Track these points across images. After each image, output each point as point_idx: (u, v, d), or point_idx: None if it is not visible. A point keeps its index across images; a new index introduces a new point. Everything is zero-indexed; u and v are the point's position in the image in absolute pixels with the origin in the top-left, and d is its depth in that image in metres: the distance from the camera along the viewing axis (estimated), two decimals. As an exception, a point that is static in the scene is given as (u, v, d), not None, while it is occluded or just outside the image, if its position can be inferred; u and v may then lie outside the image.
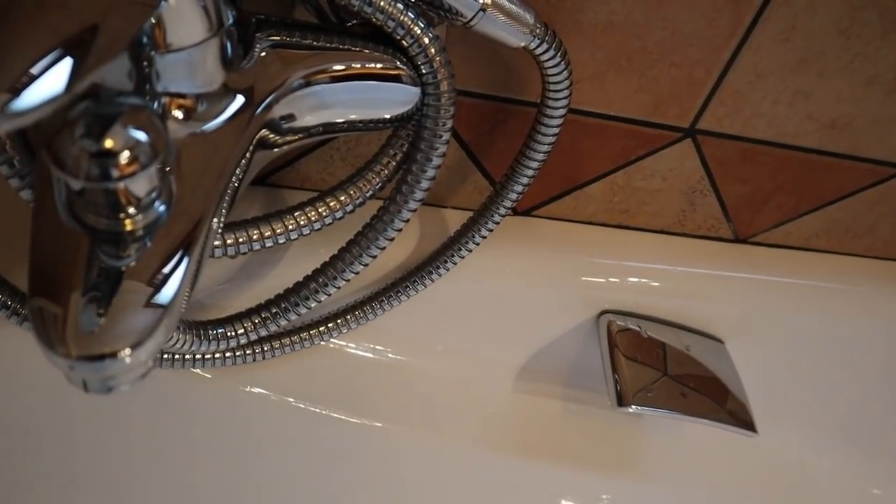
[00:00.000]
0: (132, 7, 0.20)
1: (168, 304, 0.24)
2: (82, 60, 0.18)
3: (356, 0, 0.29)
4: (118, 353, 0.23)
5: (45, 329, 0.24)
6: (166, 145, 0.22)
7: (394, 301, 0.42)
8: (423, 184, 0.33)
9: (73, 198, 0.24)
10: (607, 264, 0.48)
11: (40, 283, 0.24)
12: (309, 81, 0.28)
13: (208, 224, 0.25)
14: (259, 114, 0.28)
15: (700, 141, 0.44)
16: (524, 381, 0.51)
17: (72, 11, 0.19)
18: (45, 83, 0.18)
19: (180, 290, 0.24)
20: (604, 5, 0.36)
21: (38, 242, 0.25)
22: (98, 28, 0.19)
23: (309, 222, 0.33)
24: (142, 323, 0.23)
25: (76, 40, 0.18)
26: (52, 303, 0.24)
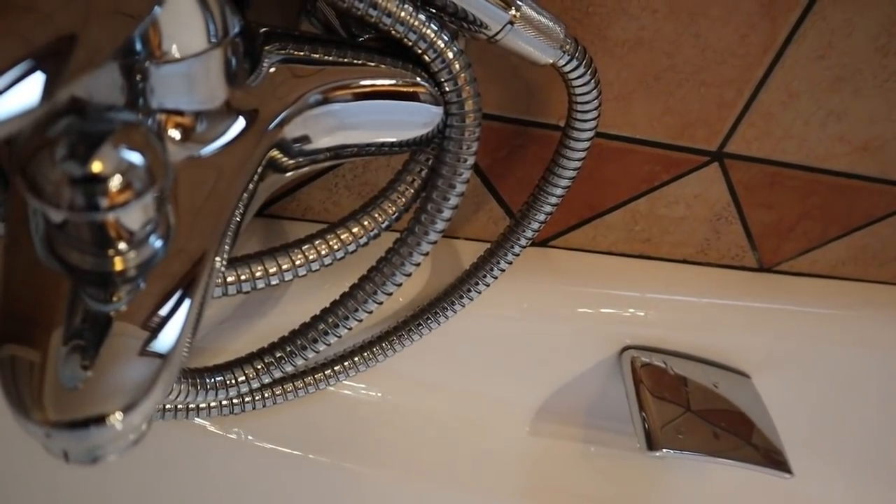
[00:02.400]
0: (115, 17, 0.17)
1: (167, 354, 0.20)
2: (57, 73, 0.15)
3: (374, 11, 0.26)
4: (107, 417, 0.19)
5: (17, 387, 0.20)
6: (165, 170, 0.19)
7: (405, 341, 0.38)
8: (444, 213, 0.30)
9: (52, 232, 0.21)
10: (629, 297, 0.45)
11: (13, 329, 0.20)
12: (326, 98, 0.25)
13: (211, 261, 0.22)
14: (268, 135, 0.24)
15: (727, 165, 0.41)
16: (542, 423, 0.47)
17: (44, 17, 0.16)
18: (14, 95, 0.14)
19: (181, 336, 0.20)
20: (633, 21, 0.34)
21: (10, 283, 0.21)
22: (76, 38, 0.16)
23: (319, 257, 0.29)
24: (136, 376, 0.20)
25: (50, 50, 0.15)
26: (28, 351, 0.20)
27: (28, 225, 0.23)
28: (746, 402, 0.46)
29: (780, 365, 0.48)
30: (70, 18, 0.16)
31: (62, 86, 0.15)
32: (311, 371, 0.37)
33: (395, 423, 0.45)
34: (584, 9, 0.33)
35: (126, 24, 0.17)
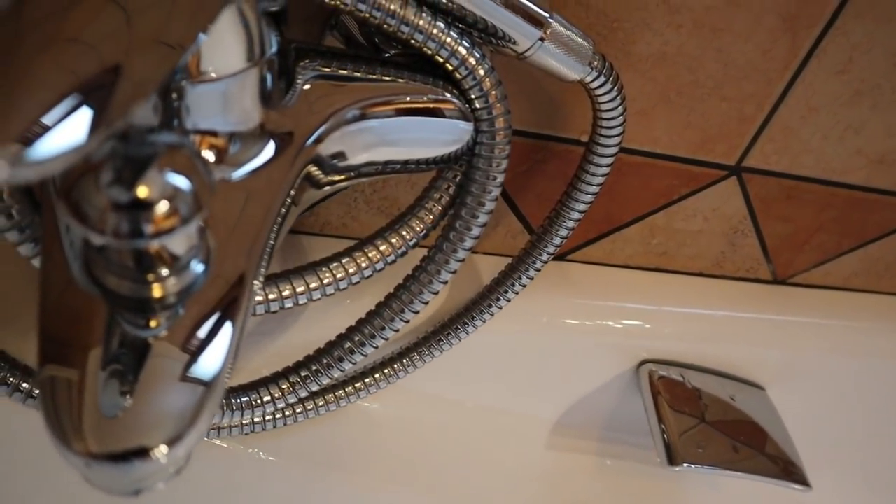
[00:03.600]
0: (158, 47, 0.16)
1: (211, 381, 0.20)
2: (103, 108, 0.14)
3: (406, 28, 0.26)
4: (150, 450, 0.18)
5: (57, 411, 0.19)
6: (211, 194, 0.18)
7: (426, 357, 0.38)
8: (473, 231, 0.30)
9: (90, 254, 0.20)
10: (646, 310, 0.44)
11: (52, 351, 0.20)
12: (363, 114, 0.25)
13: (250, 284, 0.22)
14: (304, 151, 0.24)
15: (745, 179, 0.41)
16: (558, 437, 0.47)
17: (88, 47, 0.15)
18: (62, 133, 0.14)
19: (225, 363, 0.20)
20: (657, 36, 0.34)
21: (47, 304, 0.20)
22: (120, 70, 0.15)
23: (347, 276, 0.29)
24: (179, 406, 0.19)
25: (95, 83, 0.15)
26: (67, 374, 0.20)
27: (61, 246, 0.22)
28: (763, 415, 0.46)
29: (794, 377, 0.48)
30: (114, 49, 0.15)
31: (109, 121, 0.15)
32: (331, 388, 0.36)
33: (410, 438, 0.44)
34: (609, 24, 0.33)
35: (169, 55, 0.17)
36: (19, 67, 0.14)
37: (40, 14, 0.15)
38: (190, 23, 0.17)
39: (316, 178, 0.25)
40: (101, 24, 0.15)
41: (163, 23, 0.16)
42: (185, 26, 0.17)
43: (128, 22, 0.16)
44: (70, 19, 0.15)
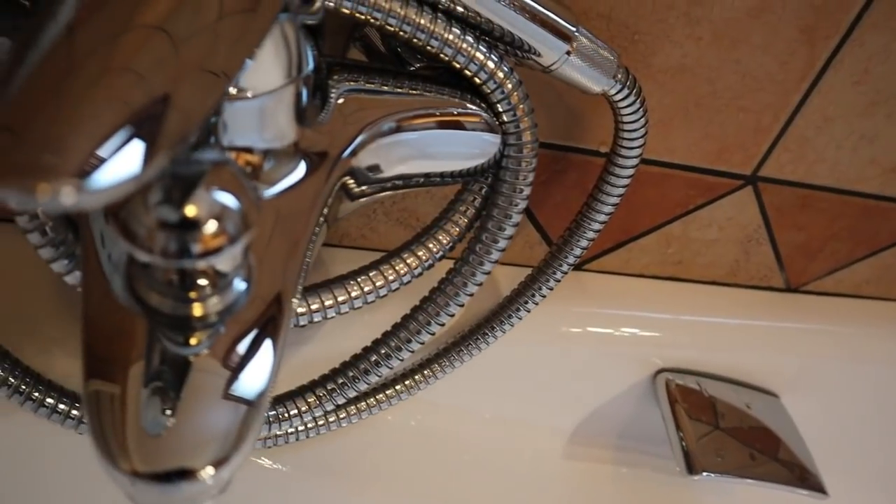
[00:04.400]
0: (204, 76, 0.16)
1: (254, 400, 0.20)
2: (153, 140, 0.14)
3: (435, 42, 0.26)
4: (197, 472, 0.18)
5: (102, 427, 0.19)
6: (258, 213, 0.18)
7: (447, 368, 0.38)
8: (499, 243, 0.30)
9: (133, 271, 0.20)
10: (662, 319, 0.45)
11: (95, 366, 0.20)
12: (398, 127, 0.25)
13: (289, 302, 0.22)
14: (339, 166, 0.24)
15: (760, 188, 0.42)
16: (575, 447, 0.47)
17: (139, 76, 0.15)
18: (118, 165, 0.14)
19: (268, 382, 0.20)
20: (677, 48, 0.34)
21: (90, 322, 0.20)
22: (169, 99, 0.15)
23: (375, 289, 0.29)
24: (223, 425, 0.19)
25: (146, 115, 0.14)
26: (111, 389, 0.20)
27: (99, 261, 0.22)
28: (778, 423, 0.46)
29: (807, 384, 0.48)
30: (162, 79, 0.15)
31: (161, 153, 0.14)
32: (353, 400, 0.36)
33: (428, 448, 0.44)
34: (630, 37, 0.33)
35: (216, 84, 0.16)
36: (75, 97, 0.14)
37: (91, 42, 0.15)
38: (235, 49, 0.17)
39: (350, 189, 0.25)
40: (149, 52, 0.15)
41: (208, 49, 0.16)
42: (231, 53, 0.17)
43: (174, 49, 0.16)
44: (119, 47, 0.15)
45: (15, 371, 0.30)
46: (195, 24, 0.16)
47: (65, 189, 0.13)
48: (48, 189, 0.13)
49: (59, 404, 0.31)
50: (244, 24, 0.17)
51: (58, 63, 0.15)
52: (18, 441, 0.34)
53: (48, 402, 0.31)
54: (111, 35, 0.15)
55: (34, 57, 0.15)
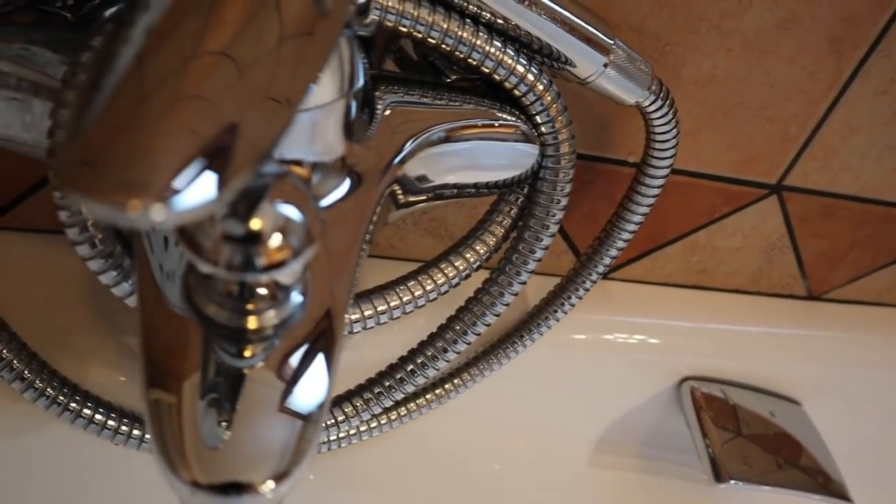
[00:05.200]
0: (269, 104, 0.16)
1: (309, 414, 0.20)
2: (224, 170, 0.14)
3: (477, 54, 0.26)
4: (257, 486, 0.18)
5: (163, 435, 0.19)
6: (321, 227, 0.18)
7: (477, 377, 0.38)
8: (536, 253, 0.30)
9: (191, 281, 0.20)
10: (687, 328, 0.45)
11: (154, 375, 0.20)
12: (446, 137, 0.25)
13: (342, 315, 0.22)
14: (388, 175, 0.24)
15: (785, 197, 0.42)
16: (601, 455, 0.47)
17: (208, 105, 0.15)
18: (194, 193, 0.14)
19: (324, 396, 0.20)
20: (707, 59, 0.34)
21: (148, 332, 0.21)
22: (237, 129, 0.15)
23: (413, 299, 0.29)
24: (280, 439, 0.19)
25: (216, 146, 0.14)
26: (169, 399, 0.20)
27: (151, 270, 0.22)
28: (802, 431, 0.46)
29: (830, 392, 0.48)
30: (231, 106, 0.15)
31: (232, 181, 0.14)
32: (384, 411, 0.36)
33: (454, 457, 0.44)
34: (662, 48, 0.34)
35: (280, 112, 0.16)
36: (149, 127, 0.14)
37: (162, 70, 0.15)
38: (297, 74, 0.17)
39: (397, 197, 0.26)
40: (217, 78, 0.15)
41: (272, 75, 0.16)
42: (293, 78, 0.17)
43: (240, 75, 0.16)
44: (189, 74, 0.15)
45: (53, 382, 0.30)
46: (258, 50, 0.16)
47: (155, 206, 0.13)
48: (139, 206, 0.13)
49: (96, 415, 0.31)
50: (304, 48, 0.17)
51: (131, 90, 0.15)
52: (56, 452, 0.34)
53: (85, 413, 0.31)
54: (181, 60, 0.16)
55: (107, 87, 0.15)
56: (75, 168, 0.13)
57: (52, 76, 0.24)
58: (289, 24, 0.17)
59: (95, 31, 0.22)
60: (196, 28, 0.16)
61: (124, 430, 0.32)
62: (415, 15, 0.25)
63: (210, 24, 0.16)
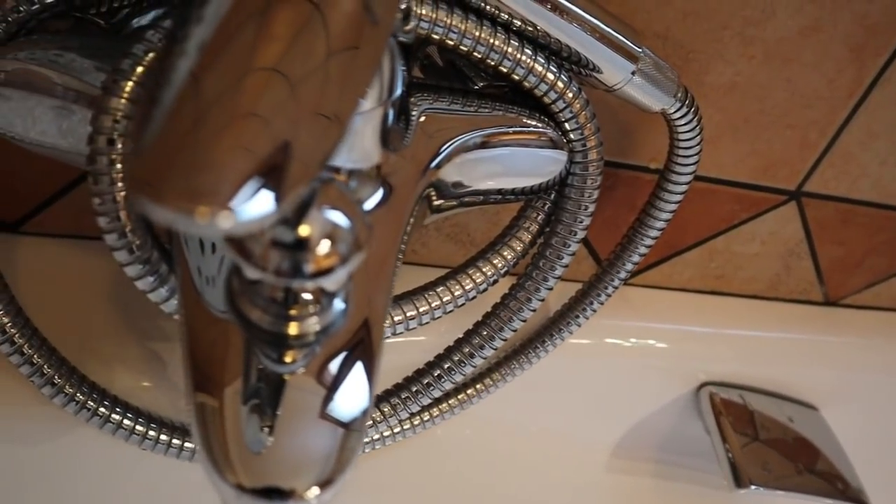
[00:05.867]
0: (319, 120, 0.16)
1: (351, 422, 0.20)
2: (279, 188, 0.14)
3: (508, 62, 0.26)
4: (301, 492, 0.19)
5: (209, 438, 0.19)
6: (368, 233, 0.19)
7: (500, 382, 0.38)
8: (564, 259, 0.31)
9: (236, 285, 0.20)
10: (705, 333, 0.45)
11: (199, 379, 0.20)
12: (483, 142, 0.26)
13: (382, 322, 0.22)
14: (424, 179, 0.25)
15: (804, 203, 0.42)
16: (618, 460, 0.47)
17: (263, 123, 0.15)
18: (253, 208, 0.14)
19: (366, 403, 0.20)
20: (729, 67, 0.35)
21: (192, 336, 0.21)
22: (290, 147, 0.15)
23: (441, 304, 0.29)
24: (322, 446, 0.20)
25: (270, 164, 0.15)
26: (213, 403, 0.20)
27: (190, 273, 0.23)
28: (820, 436, 0.46)
29: (847, 397, 0.49)
30: (284, 123, 0.15)
31: (288, 196, 0.15)
32: (410, 416, 0.36)
33: (474, 462, 0.44)
34: (685, 55, 0.34)
35: (330, 130, 0.16)
36: (208, 145, 0.14)
37: (217, 88, 0.15)
38: (346, 89, 0.17)
39: (431, 201, 0.26)
40: (269, 95, 0.16)
41: (321, 91, 0.16)
42: (342, 94, 0.17)
43: (292, 92, 0.16)
44: (243, 91, 0.15)
45: (82, 387, 0.30)
46: (307, 65, 0.16)
47: (222, 214, 0.13)
48: (207, 213, 0.13)
49: (124, 420, 0.31)
50: (352, 62, 0.17)
51: (189, 109, 0.15)
52: (83, 457, 0.34)
53: (114, 419, 0.31)
54: (235, 77, 0.16)
55: (166, 102, 0.15)
56: (145, 176, 0.13)
57: (89, 83, 0.25)
58: (335, 38, 0.17)
59: (136, 38, 0.23)
60: (247, 43, 0.16)
61: (152, 434, 0.32)
62: (448, 23, 0.25)
63: (260, 39, 0.17)
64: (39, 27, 0.26)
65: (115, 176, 0.23)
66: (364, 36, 0.18)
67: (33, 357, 0.29)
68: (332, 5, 0.18)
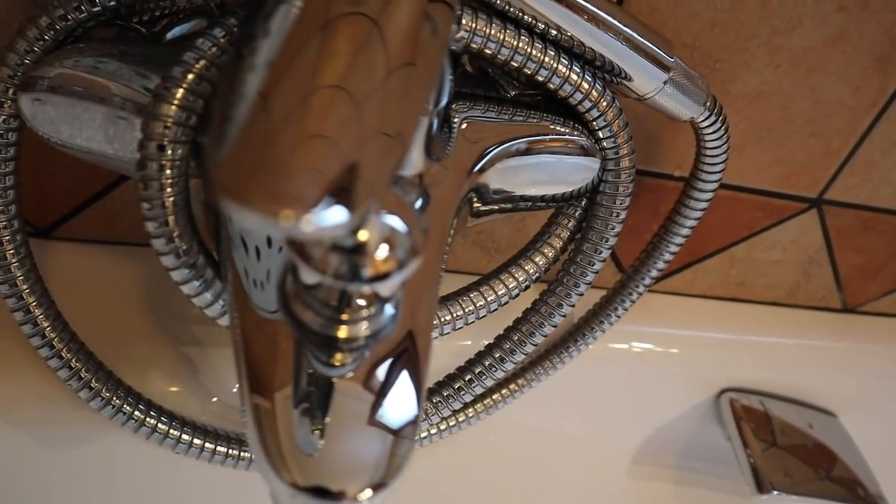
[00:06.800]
0: (381, 139, 0.17)
1: (401, 430, 0.20)
2: (349, 205, 0.15)
3: (546, 71, 0.27)
4: (355, 494, 0.19)
5: (265, 438, 0.20)
6: (426, 239, 0.19)
7: (525, 388, 0.38)
8: (595, 265, 0.31)
9: (290, 287, 0.21)
10: (726, 340, 0.45)
11: (253, 381, 0.21)
12: (528, 149, 0.26)
13: (430, 329, 0.22)
14: (466, 184, 0.25)
15: (825, 211, 0.42)
16: (640, 466, 0.47)
17: (330, 143, 0.16)
18: (328, 220, 0.14)
19: (416, 409, 0.20)
20: (755, 76, 0.35)
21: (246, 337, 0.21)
22: (357, 168, 0.15)
23: (475, 309, 0.30)
24: (372, 452, 0.20)
25: (340, 184, 0.15)
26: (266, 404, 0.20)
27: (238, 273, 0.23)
28: (840, 443, 0.46)
29: (865, 404, 0.49)
30: (350, 143, 0.16)
31: (357, 212, 0.15)
32: (438, 421, 0.37)
33: (494, 466, 0.44)
34: (712, 65, 0.34)
35: (391, 148, 0.17)
36: (280, 166, 0.15)
37: (285, 107, 0.16)
38: (406, 107, 0.17)
39: (473, 206, 0.26)
40: (336, 114, 0.16)
41: (383, 108, 0.17)
42: (403, 111, 0.17)
43: (356, 110, 0.16)
44: (311, 110, 0.16)
45: (118, 391, 0.31)
46: (369, 82, 0.17)
47: (306, 217, 0.13)
48: (291, 216, 0.13)
49: (159, 424, 0.31)
50: (410, 78, 0.18)
51: (260, 130, 0.15)
52: (117, 461, 0.34)
53: (149, 423, 0.31)
54: (301, 96, 0.16)
55: (238, 118, 0.16)
56: (232, 183, 0.13)
57: (136, 88, 0.25)
58: (394, 53, 0.18)
59: (186, 46, 0.23)
60: (310, 60, 0.17)
61: (186, 439, 0.32)
62: (488, 33, 0.25)
63: (323, 55, 0.17)
64: (85, 35, 0.26)
65: (164, 181, 0.23)
66: (421, 50, 0.18)
67: (71, 361, 0.29)
68: (389, 20, 0.18)
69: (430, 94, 0.18)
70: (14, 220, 0.27)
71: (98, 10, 0.25)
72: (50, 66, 0.25)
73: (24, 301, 0.28)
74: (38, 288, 0.28)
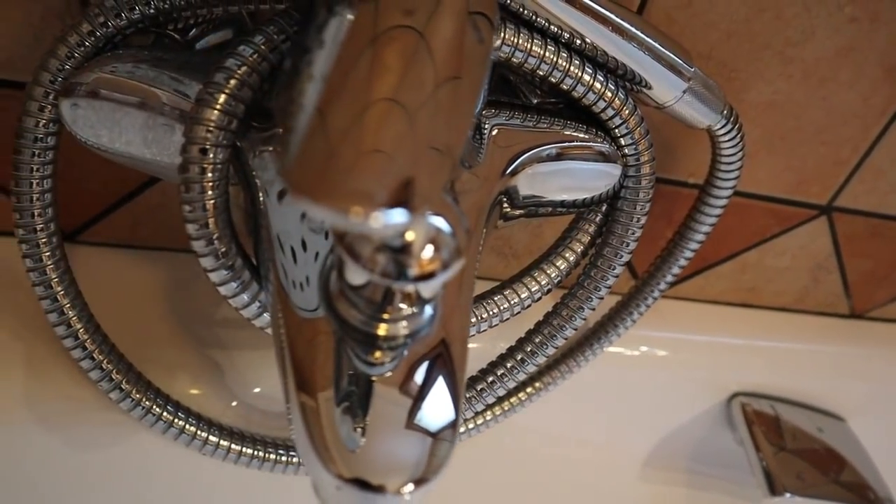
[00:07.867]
0: (432, 155, 0.17)
1: (439, 432, 0.21)
2: (410, 208, 0.16)
3: (570, 79, 0.27)
4: (395, 489, 0.19)
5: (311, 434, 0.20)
6: (469, 240, 0.20)
7: (542, 392, 0.39)
8: (616, 270, 0.32)
9: (334, 286, 0.21)
10: (736, 345, 0.46)
11: (299, 379, 0.21)
12: (559, 154, 0.27)
13: (467, 331, 0.23)
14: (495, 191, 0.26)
15: (834, 218, 0.43)
16: (651, 470, 0.48)
17: (387, 158, 0.16)
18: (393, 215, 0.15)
19: (455, 411, 0.21)
20: (769, 85, 0.36)
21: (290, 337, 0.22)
22: (412, 183, 0.16)
23: (499, 312, 0.30)
24: (412, 453, 0.20)
25: (396, 199, 0.16)
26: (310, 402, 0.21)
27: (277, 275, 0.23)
28: (849, 447, 0.47)
29: (873, 409, 0.49)
30: (405, 158, 0.16)
31: (416, 214, 0.16)
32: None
33: (506, 469, 0.45)
34: (727, 74, 0.35)
35: (442, 164, 0.17)
36: (341, 181, 0.15)
37: (341, 123, 0.16)
38: (453, 120, 0.18)
39: (503, 210, 0.27)
40: (390, 127, 0.17)
41: (433, 122, 0.17)
42: (451, 125, 0.18)
43: (410, 122, 0.17)
44: (366, 125, 0.16)
45: (148, 393, 0.31)
46: (421, 94, 0.17)
47: (374, 214, 0.14)
48: (361, 212, 0.14)
49: (188, 425, 0.32)
50: (457, 92, 0.18)
51: (318, 146, 0.16)
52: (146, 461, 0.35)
53: (177, 424, 0.32)
54: (356, 111, 0.17)
55: (296, 138, 0.16)
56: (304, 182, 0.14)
57: (175, 94, 0.26)
58: (441, 66, 0.18)
59: (229, 53, 0.24)
60: (364, 73, 0.17)
61: (213, 440, 0.32)
62: (515, 42, 0.26)
63: (375, 68, 0.18)
64: (123, 42, 0.27)
65: (205, 185, 0.23)
66: (466, 63, 0.19)
67: (102, 362, 0.30)
68: (435, 34, 0.19)
69: (475, 106, 0.19)
70: (51, 223, 0.28)
71: (137, 17, 0.26)
72: (90, 72, 0.25)
73: (58, 303, 0.28)
74: (72, 290, 0.29)
